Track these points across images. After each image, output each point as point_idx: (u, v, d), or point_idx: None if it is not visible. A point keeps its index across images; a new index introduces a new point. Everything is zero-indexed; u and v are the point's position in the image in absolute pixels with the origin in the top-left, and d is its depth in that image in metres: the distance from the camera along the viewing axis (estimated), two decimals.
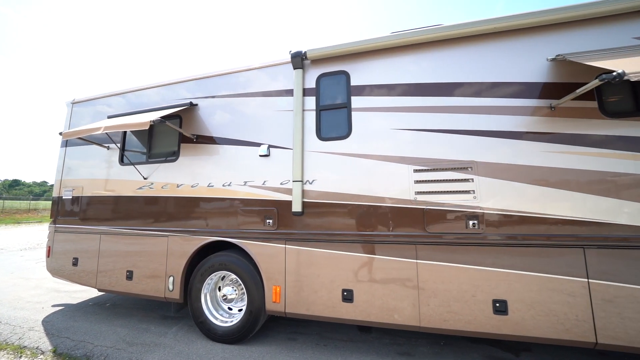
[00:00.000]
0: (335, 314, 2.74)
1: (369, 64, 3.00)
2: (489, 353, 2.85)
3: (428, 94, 2.77)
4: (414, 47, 2.87)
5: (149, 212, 3.57)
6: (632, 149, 2.28)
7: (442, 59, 2.79)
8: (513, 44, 2.65)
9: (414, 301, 2.54)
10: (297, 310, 2.84)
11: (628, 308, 2.14)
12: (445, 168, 2.62)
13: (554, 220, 2.33)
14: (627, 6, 2.41)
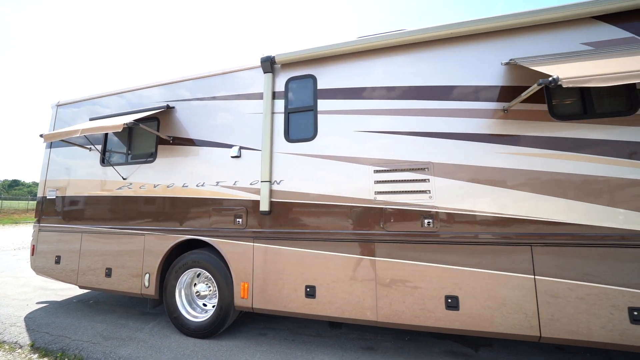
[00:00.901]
0: (299, 309, 2.84)
1: (334, 68, 3.10)
2: (450, 348, 2.94)
3: (388, 97, 2.87)
4: (376, 52, 2.96)
5: (128, 212, 3.69)
6: (579, 151, 2.37)
7: (402, 64, 2.89)
8: (470, 48, 2.74)
9: (371, 297, 2.64)
10: (264, 306, 2.95)
11: (570, 303, 2.23)
12: (404, 169, 2.71)
13: (503, 219, 2.42)
14: (575, 13, 2.50)
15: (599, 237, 2.23)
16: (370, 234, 2.71)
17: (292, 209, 3.00)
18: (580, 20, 2.53)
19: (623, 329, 2.13)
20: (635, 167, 2.24)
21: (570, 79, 1.91)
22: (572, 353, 2.81)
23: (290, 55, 3.18)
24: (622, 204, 2.23)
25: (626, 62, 2.11)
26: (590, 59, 2.29)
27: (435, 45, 2.82)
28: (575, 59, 2.35)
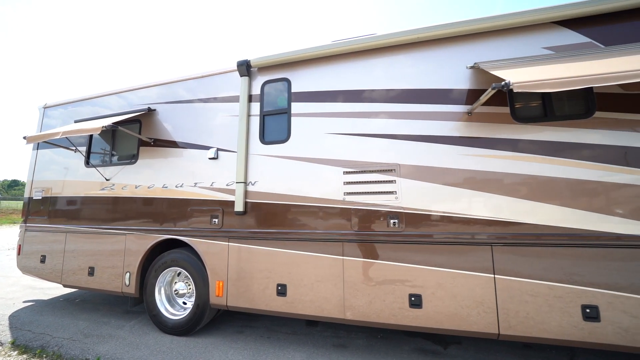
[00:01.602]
0: (271, 307, 2.91)
1: (308, 71, 3.17)
2: (420, 346, 3.00)
3: (358, 100, 2.94)
4: (347, 55, 3.03)
5: (110, 212, 3.77)
6: (540, 152, 2.43)
7: (372, 67, 2.95)
8: (438, 52, 2.81)
9: (339, 295, 2.71)
10: (237, 304, 3.02)
11: (527, 301, 2.29)
12: (372, 170, 2.78)
13: (466, 220, 2.49)
14: (537, 18, 2.56)
15: (556, 237, 2.29)
16: (339, 234, 2.78)
17: (266, 209, 3.07)
18: (542, 25, 2.59)
19: (577, 326, 2.19)
20: (591, 169, 2.31)
21: (521, 84, 1.98)
22: (538, 350, 2.87)
23: (265, 59, 3.25)
24: (578, 204, 2.29)
25: (582, 66, 2.17)
26: (549, 63, 2.35)
27: (404, 49, 2.88)
28: (535, 63, 2.41)
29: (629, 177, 2.24)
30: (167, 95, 3.77)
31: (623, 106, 2.34)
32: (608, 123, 2.34)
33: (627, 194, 2.22)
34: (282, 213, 3.01)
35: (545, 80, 1.95)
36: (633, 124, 2.29)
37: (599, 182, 2.28)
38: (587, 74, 1.94)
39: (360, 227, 2.73)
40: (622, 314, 2.13)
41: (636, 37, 2.40)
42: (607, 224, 2.22)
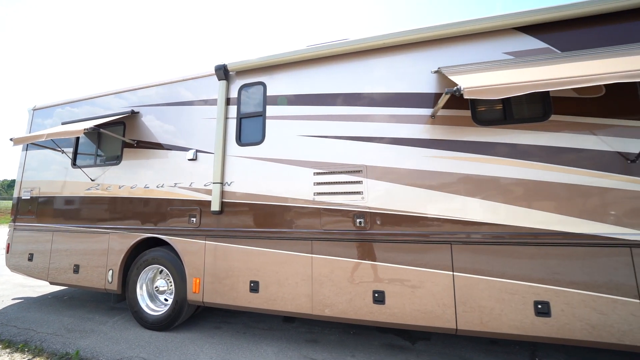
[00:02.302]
0: (244, 303, 3.01)
1: (282, 75, 3.27)
2: (389, 341, 3.09)
3: (329, 104, 3.04)
4: (318, 60, 3.13)
5: (95, 211, 3.88)
6: (499, 154, 2.52)
7: (341, 72, 3.05)
8: (404, 57, 2.90)
9: (308, 291, 2.81)
10: (213, 300, 3.13)
11: (483, 297, 2.38)
12: (340, 171, 2.88)
13: (427, 219, 2.58)
14: (499, 24, 2.65)
15: (512, 237, 2.38)
16: (309, 233, 2.88)
17: (241, 209, 3.17)
18: (504, 31, 2.68)
19: (530, 321, 2.28)
20: (547, 171, 2.39)
21: (471, 89, 2.07)
22: (503, 346, 2.96)
23: (240, 64, 3.35)
24: (534, 205, 2.38)
25: (535, 71, 2.26)
26: (506, 68, 2.44)
27: (372, 54, 2.98)
28: (493, 68, 2.50)
29: (583, 179, 2.33)
30: (149, 98, 3.89)
31: (577, 110, 2.42)
32: (563, 126, 2.43)
33: (579, 194, 2.31)
34: (255, 212, 3.11)
35: (493, 85, 2.04)
36: (586, 127, 2.38)
37: (554, 183, 2.37)
38: (536, 79, 2.03)
39: (329, 226, 2.83)
40: (571, 309, 2.22)
41: (590, 43, 2.48)
42: (561, 224, 2.31)
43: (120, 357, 2.83)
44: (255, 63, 3.31)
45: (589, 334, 2.18)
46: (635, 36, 2.40)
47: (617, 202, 2.25)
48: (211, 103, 3.51)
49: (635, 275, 2.15)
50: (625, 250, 2.19)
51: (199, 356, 2.85)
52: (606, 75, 1.89)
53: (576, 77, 1.95)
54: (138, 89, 3.97)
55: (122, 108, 4.02)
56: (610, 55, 2.29)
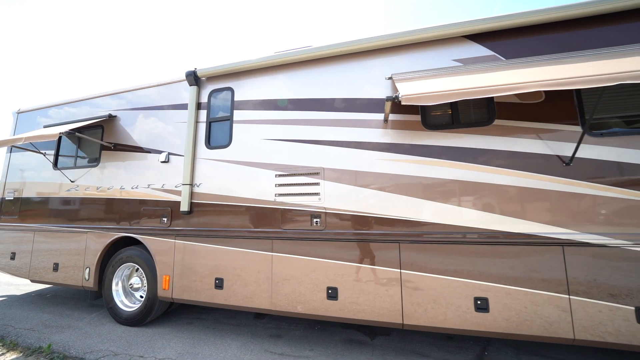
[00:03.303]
0: (210, 299, 3.15)
1: (248, 81, 3.41)
2: (350, 336, 3.22)
3: (290, 108, 3.17)
4: (281, 67, 3.26)
5: (74, 212, 4.03)
6: (446, 157, 2.64)
7: (302, 78, 3.18)
8: (362, 64, 3.02)
9: (268, 288, 2.94)
10: (181, 296, 3.26)
11: (428, 294, 2.51)
12: (300, 173, 3.01)
13: (378, 219, 2.71)
14: (449, 32, 2.76)
15: (455, 236, 2.50)
16: (270, 232, 3.01)
17: (208, 209, 3.31)
18: (453, 39, 2.80)
19: (470, 317, 2.41)
20: (490, 173, 2.52)
21: (408, 96, 2.19)
22: (457, 341, 3.08)
23: (209, 70, 3.48)
24: (476, 205, 2.50)
25: (478, 78, 2.37)
26: (452, 75, 2.55)
27: (331, 61, 3.10)
28: (440, 75, 2.61)
29: (522, 180, 2.45)
30: (126, 102, 4.03)
31: (519, 115, 2.54)
32: (506, 130, 2.55)
33: (518, 195, 2.43)
34: (221, 213, 3.24)
35: (427, 93, 2.16)
36: (527, 131, 2.50)
37: (496, 184, 2.49)
38: (469, 86, 2.15)
39: (288, 226, 2.96)
40: (508, 305, 2.34)
41: (533, 51, 2.60)
42: (500, 224, 2.43)
43: (90, 351, 2.97)
44: (223, 69, 3.44)
45: (525, 328, 2.30)
46: (573, 45, 2.51)
47: (553, 203, 2.37)
48: (183, 107, 3.65)
49: (566, 273, 2.27)
50: (558, 248, 2.31)
51: (165, 349, 2.99)
52: (538, 82, 2.00)
53: (508, 84, 2.06)
54: (116, 93, 4.11)
55: (101, 112, 4.16)
56: (550, 62, 2.41)
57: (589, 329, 2.19)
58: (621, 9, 2.39)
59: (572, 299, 2.24)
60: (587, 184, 2.32)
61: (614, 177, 2.28)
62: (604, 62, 2.13)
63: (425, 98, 2.15)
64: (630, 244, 2.19)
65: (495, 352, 2.87)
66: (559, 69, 2.19)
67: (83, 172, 4.10)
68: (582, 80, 1.87)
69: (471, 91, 2.07)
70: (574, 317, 2.22)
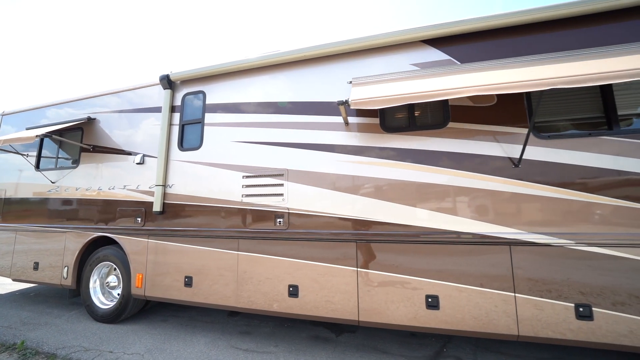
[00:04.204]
0: (180, 297, 3.24)
1: (219, 85, 3.50)
2: (316, 334, 3.30)
3: (257, 112, 3.26)
4: (249, 71, 3.35)
5: (54, 212, 4.13)
6: (402, 159, 2.72)
7: (269, 82, 3.27)
8: (326, 68, 3.11)
9: (234, 287, 3.03)
10: (153, 294, 3.36)
11: (382, 292, 2.59)
12: (265, 175, 3.09)
13: (337, 219, 2.79)
14: (408, 37, 2.84)
15: (408, 235, 2.58)
16: (236, 232, 3.10)
17: (180, 209, 3.40)
18: (412, 44, 2.87)
19: (422, 314, 2.49)
20: (443, 174, 2.59)
21: (356, 101, 2.28)
22: (420, 338, 3.15)
23: (181, 74, 3.58)
24: (429, 205, 2.58)
25: (430, 82, 2.45)
26: (407, 80, 2.63)
27: (295, 65, 3.19)
28: (396, 80, 2.69)
29: (474, 182, 2.52)
30: (104, 105, 4.13)
31: (472, 117, 2.62)
32: (459, 132, 2.63)
33: (470, 196, 2.51)
34: (192, 213, 3.33)
35: (375, 97, 2.25)
36: (479, 133, 2.58)
37: (449, 185, 2.57)
38: (418, 90, 2.23)
39: (253, 226, 3.04)
40: (457, 303, 2.42)
41: (487, 55, 2.67)
42: (451, 224, 2.51)
43: (63, 347, 3.07)
44: (195, 73, 3.53)
45: (473, 325, 2.38)
46: (524, 50, 2.58)
47: (502, 203, 2.44)
48: (158, 110, 3.74)
49: (512, 271, 2.35)
50: (505, 248, 2.39)
51: (135, 345, 3.09)
52: (474, 87, 2.08)
53: (447, 89, 2.15)
54: (95, 96, 4.22)
55: (80, 115, 4.26)
56: (502, 67, 2.48)
57: (532, 325, 2.26)
58: (564, 16, 2.47)
59: (517, 297, 2.31)
60: (535, 185, 2.40)
61: (559, 179, 2.35)
62: (546, 67, 2.21)
63: (372, 102, 2.24)
64: (573, 243, 2.26)
65: (454, 348, 2.94)
66: (504, 73, 2.27)
67: (64, 173, 4.20)
68: (514, 85, 1.95)
69: (413, 95, 2.15)
70: (519, 314, 2.30)
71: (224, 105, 3.42)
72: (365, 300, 2.62)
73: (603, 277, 2.19)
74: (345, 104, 2.32)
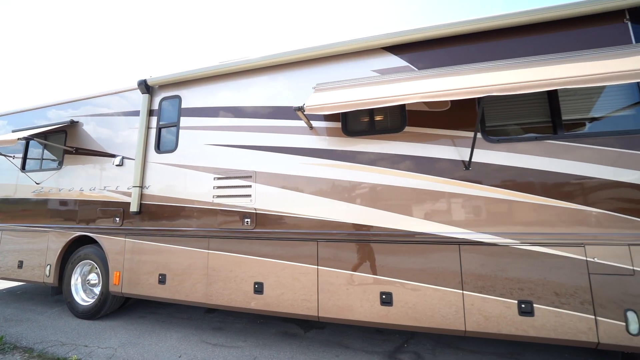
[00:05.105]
0: (154, 293, 3.37)
1: (193, 90, 3.63)
2: (285, 330, 3.42)
3: (228, 116, 3.38)
4: (221, 77, 3.48)
5: (39, 212, 4.27)
6: (362, 162, 2.84)
7: (240, 87, 3.40)
8: (293, 74, 3.23)
9: (204, 283, 3.15)
10: (129, 291, 3.49)
11: (340, 289, 2.71)
12: (235, 176, 3.22)
13: (300, 219, 2.91)
14: (369, 44, 2.96)
15: (365, 235, 2.70)
16: (207, 231, 3.22)
17: (156, 209, 3.53)
18: (373, 51, 2.99)
19: (377, 310, 2.60)
20: (399, 177, 2.71)
21: (311, 107, 2.40)
22: (386, 335, 3.26)
23: (158, 79, 3.71)
24: (386, 206, 2.69)
25: (386, 88, 2.56)
26: (365, 86, 2.74)
27: (264, 71, 3.31)
28: (355, 85, 2.81)
29: (427, 184, 2.63)
30: (87, 108, 4.26)
31: (427, 122, 2.73)
32: (415, 136, 2.74)
33: (423, 197, 2.62)
34: (167, 213, 3.46)
35: (328, 104, 2.37)
36: (433, 137, 2.69)
37: (404, 187, 2.68)
38: (375, 96, 2.34)
39: (223, 225, 3.17)
40: (409, 300, 2.53)
41: (443, 62, 2.78)
42: (405, 224, 2.62)
43: (41, 341, 3.20)
44: (171, 78, 3.66)
45: (424, 321, 2.49)
46: (477, 57, 2.69)
47: (453, 204, 2.56)
48: (137, 114, 3.87)
49: (461, 269, 2.46)
50: (455, 247, 2.50)
51: (110, 340, 3.22)
52: (419, 94, 2.20)
53: (401, 95, 2.25)
54: (78, 100, 4.35)
55: (64, 117, 4.40)
56: (453, 73, 2.59)
57: (478, 321, 2.37)
58: (512, 25, 2.58)
59: (465, 294, 2.43)
60: (483, 187, 2.51)
61: (506, 181, 2.46)
62: (492, 74, 2.31)
63: (325, 108, 2.36)
64: (517, 243, 2.37)
65: (415, 344, 3.05)
66: (453, 80, 2.37)
67: (48, 174, 4.33)
68: (459, 91, 2.06)
69: (362, 102, 2.27)
70: (466, 310, 2.41)
71: (198, 109, 3.55)
72: (325, 297, 2.74)
73: (544, 275, 2.30)
74: (300, 109, 2.44)
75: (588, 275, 2.22)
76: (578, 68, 2.11)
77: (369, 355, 2.86)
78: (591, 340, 2.16)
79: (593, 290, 2.20)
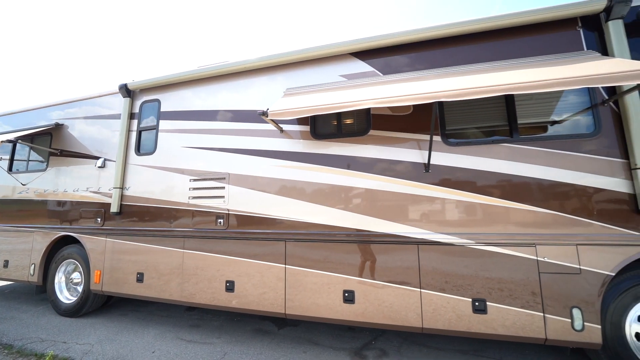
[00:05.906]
0: (133, 291, 3.47)
1: (172, 94, 3.73)
2: (260, 327, 3.51)
3: (203, 119, 3.48)
4: (198, 81, 3.58)
5: (24, 213, 4.38)
6: (327, 164, 2.93)
7: (213, 91, 3.50)
8: (264, 79, 3.33)
9: (179, 282, 3.25)
10: (109, 289, 3.59)
11: (306, 287, 2.80)
12: (209, 178, 3.32)
13: (270, 219, 3.01)
14: (338, 50, 3.05)
15: (329, 235, 2.80)
16: (182, 231, 3.32)
17: (135, 210, 3.63)
18: (341, 56, 3.08)
19: (339, 308, 2.69)
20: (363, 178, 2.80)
21: (274, 112, 2.50)
22: (358, 332, 3.35)
23: (139, 83, 3.81)
24: (349, 207, 2.79)
25: (351, 93, 2.66)
26: (332, 90, 2.85)
27: (240, 76, 3.41)
28: (323, 90, 2.91)
29: (389, 185, 2.73)
30: (72, 111, 4.37)
31: (390, 125, 2.83)
32: (378, 139, 2.83)
33: (386, 199, 2.71)
34: (145, 213, 3.56)
35: (289, 109, 2.47)
36: (396, 140, 2.78)
37: (366, 189, 2.78)
38: (334, 102, 2.43)
39: (197, 226, 3.27)
40: (370, 297, 2.62)
41: (409, 67, 2.87)
42: (366, 224, 2.71)
43: (21, 338, 3.31)
44: (150, 82, 3.76)
45: (384, 318, 2.58)
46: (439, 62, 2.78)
47: (413, 205, 2.65)
48: (117, 117, 3.98)
49: (419, 268, 2.55)
50: (414, 247, 2.59)
51: (90, 336, 3.32)
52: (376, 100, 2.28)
53: (353, 101, 2.34)
54: (63, 103, 4.47)
55: (50, 120, 4.51)
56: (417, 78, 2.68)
57: (434, 318, 2.46)
58: (473, 31, 2.67)
59: (422, 292, 2.52)
60: (441, 189, 2.60)
61: (463, 183, 2.55)
62: (445, 80, 2.40)
63: (286, 113, 2.46)
64: (473, 243, 2.46)
65: (383, 341, 3.14)
66: (415, 85, 2.47)
67: (34, 176, 4.45)
68: (411, 97, 2.15)
69: (321, 107, 2.36)
70: (423, 308, 2.50)
71: (176, 112, 3.65)
72: (291, 295, 2.83)
73: (497, 274, 2.39)
74: (264, 114, 2.54)
75: (538, 274, 2.31)
76: (531, 74, 2.19)
77: (336, 351, 2.95)
78: (539, 336, 2.25)
79: (542, 288, 2.29)
